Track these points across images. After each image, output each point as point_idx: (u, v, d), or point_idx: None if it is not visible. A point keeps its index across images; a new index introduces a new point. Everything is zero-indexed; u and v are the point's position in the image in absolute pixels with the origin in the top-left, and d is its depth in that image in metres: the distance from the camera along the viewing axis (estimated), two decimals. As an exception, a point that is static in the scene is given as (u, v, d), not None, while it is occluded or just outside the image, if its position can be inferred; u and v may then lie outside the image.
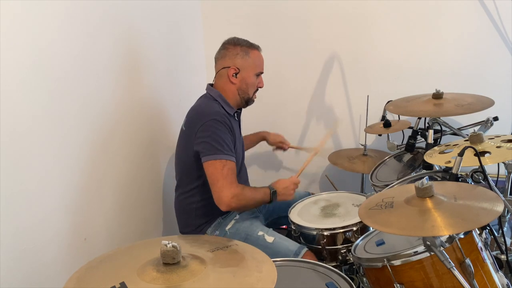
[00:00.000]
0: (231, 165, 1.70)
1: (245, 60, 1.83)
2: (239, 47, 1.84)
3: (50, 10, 1.40)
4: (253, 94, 1.90)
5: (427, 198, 1.15)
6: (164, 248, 1.03)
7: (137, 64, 1.94)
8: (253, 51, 1.85)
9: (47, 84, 1.39)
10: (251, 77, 1.85)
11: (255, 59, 1.85)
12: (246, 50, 1.84)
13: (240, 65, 1.83)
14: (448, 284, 1.21)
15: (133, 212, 1.90)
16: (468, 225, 1.10)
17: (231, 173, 1.69)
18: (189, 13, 2.52)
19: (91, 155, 1.61)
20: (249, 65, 1.84)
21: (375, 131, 2.18)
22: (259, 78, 1.90)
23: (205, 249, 1.19)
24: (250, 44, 1.87)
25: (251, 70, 1.85)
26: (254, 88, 1.88)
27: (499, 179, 1.93)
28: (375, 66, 2.48)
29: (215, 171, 1.68)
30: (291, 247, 1.70)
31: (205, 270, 1.06)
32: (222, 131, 1.72)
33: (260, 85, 1.91)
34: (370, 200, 1.29)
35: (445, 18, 2.32)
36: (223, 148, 1.70)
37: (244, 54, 1.83)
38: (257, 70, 1.87)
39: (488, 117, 1.94)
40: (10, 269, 1.27)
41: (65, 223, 1.49)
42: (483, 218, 1.09)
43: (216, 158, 1.68)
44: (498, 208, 1.08)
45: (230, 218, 1.85)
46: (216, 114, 1.74)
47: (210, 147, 1.69)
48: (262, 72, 1.90)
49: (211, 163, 1.69)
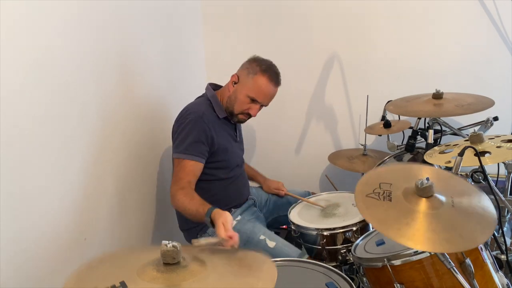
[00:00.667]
0: (184, 163, 1.70)
1: (247, 77, 1.80)
2: (254, 64, 1.80)
3: (51, 12, 1.40)
4: (239, 113, 1.82)
5: (423, 198, 1.13)
6: (164, 248, 1.02)
7: (137, 64, 1.94)
8: (261, 76, 1.77)
9: (48, 85, 1.39)
10: (242, 95, 1.78)
11: (256, 83, 1.77)
12: (255, 71, 1.78)
13: (241, 78, 1.81)
14: (448, 284, 1.21)
15: (133, 212, 1.90)
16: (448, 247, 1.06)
17: (181, 171, 1.69)
18: (189, 14, 2.52)
19: (91, 155, 1.61)
20: (247, 83, 1.78)
21: (375, 132, 2.18)
22: (253, 105, 1.80)
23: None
24: (265, 69, 1.78)
25: (246, 89, 1.78)
26: (241, 106, 1.80)
27: (499, 179, 1.93)
28: (375, 66, 2.48)
29: (175, 167, 1.75)
30: (292, 253, 1.69)
31: (205, 271, 1.06)
32: (192, 131, 1.71)
33: (251, 112, 1.81)
34: (366, 181, 1.24)
35: (445, 18, 2.32)
36: (184, 146, 1.71)
37: (252, 72, 1.79)
38: (251, 93, 1.77)
39: (488, 117, 1.94)
40: (10, 269, 1.27)
41: (65, 223, 1.49)
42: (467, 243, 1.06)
43: (176, 156, 1.73)
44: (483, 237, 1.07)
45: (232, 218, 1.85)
46: (194, 114, 1.75)
47: (176, 144, 1.75)
48: (256, 100, 1.79)
49: (174, 160, 1.76)
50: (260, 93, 1.79)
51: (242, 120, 1.87)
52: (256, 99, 1.79)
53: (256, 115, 1.86)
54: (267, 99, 1.83)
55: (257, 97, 1.79)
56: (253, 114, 1.83)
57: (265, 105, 1.85)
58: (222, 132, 1.84)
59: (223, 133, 1.85)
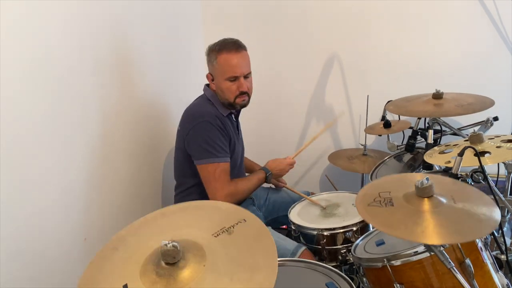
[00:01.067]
0: (223, 166, 1.72)
1: (213, 67, 1.77)
2: (211, 53, 1.77)
3: (51, 12, 1.40)
4: (235, 98, 1.78)
5: (425, 199, 1.14)
6: (164, 248, 1.02)
7: (137, 64, 1.94)
8: (220, 55, 1.73)
9: (48, 85, 1.39)
10: (222, 83, 1.75)
11: (222, 64, 1.74)
12: (214, 56, 1.75)
13: (211, 71, 1.81)
14: (448, 284, 1.21)
15: (133, 212, 1.90)
16: (459, 237, 1.08)
17: (224, 174, 1.72)
18: (189, 14, 2.52)
19: (91, 155, 1.61)
20: (218, 71, 1.75)
21: (375, 132, 2.19)
22: (238, 82, 1.75)
23: (210, 232, 1.15)
24: (220, 48, 1.74)
25: (220, 75, 1.75)
26: (231, 93, 1.76)
27: (499, 179, 1.93)
28: (375, 66, 2.48)
29: (207, 174, 1.72)
30: (289, 246, 1.70)
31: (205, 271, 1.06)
32: (213, 133, 1.72)
33: (241, 89, 1.76)
34: (364, 194, 1.24)
35: (445, 18, 2.32)
36: (214, 151, 1.71)
37: (212, 60, 1.76)
38: (225, 75, 1.73)
39: (488, 117, 1.94)
40: (10, 269, 1.27)
41: (65, 223, 1.49)
42: (476, 232, 1.08)
43: (208, 162, 1.71)
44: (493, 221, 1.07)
45: (229, 217, 1.85)
46: (207, 115, 1.74)
47: (202, 151, 1.71)
48: (235, 76, 1.74)
49: (204, 167, 1.72)
50: (230, 68, 1.73)
51: (244, 103, 1.82)
52: (233, 75, 1.74)
53: (251, 88, 1.82)
54: (241, 68, 1.75)
55: (232, 73, 1.74)
56: (245, 88, 1.77)
57: (246, 72, 1.77)
58: (232, 130, 1.85)
59: (232, 129, 1.86)
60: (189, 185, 1.84)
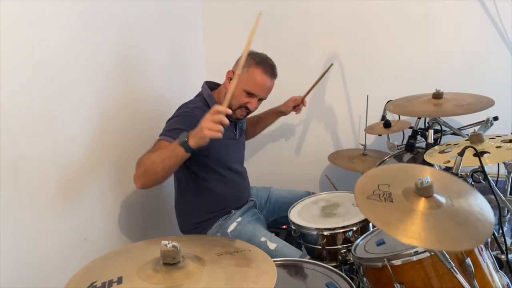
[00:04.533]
0: (160, 143, 1.62)
1: (242, 72, 1.73)
2: (249, 58, 1.75)
3: (52, 12, 1.40)
4: (237, 108, 1.77)
5: (423, 198, 1.13)
6: (164, 248, 1.03)
7: (137, 64, 1.94)
8: (255, 69, 1.74)
9: (48, 84, 1.39)
10: (238, 89, 1.72)
11: (251, 76, 1.73)
12: (249, 64, 1.74)
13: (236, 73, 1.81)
14: (448, 284, 1.21)
15: (133, 212, 1.90)
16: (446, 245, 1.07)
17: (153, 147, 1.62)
18: (189, 13, 2.52)
19: (91, 155, 1.61)
20: (242, 77, 1.72)
21: (375, 132, 2.18)
22: (250, 99, 1.76)
23: (215, 251, 1.18)
24: (259, 62, 1.75)
25: (241, 83, 1.72)
26: (238, 101, 1.75)
27: (499, 179, 1.93)
28: (375, 66, 2.48)
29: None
30: (294, 255, 1.69)
31: (204, 271, 1.06)
32: (178, 121, 1.68)
33: (249, 106, 1.77)
34: (364, 184, 1.23)
35: (445, 18, 2.32)
36: (165, 131, 1.66)
37: (246, 66, 1.73)
38: (247, 87, 1.73)
39: (488, 117, 1.94)
40: (10, 269, 1.27)
41: (65, 223, 1.49)
42: (464, 243, 1.08)
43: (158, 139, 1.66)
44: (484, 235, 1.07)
45: (232, 219, 1.85)
46: (187, 108, 1.74)
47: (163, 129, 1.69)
48: (253, 94, 1.75)
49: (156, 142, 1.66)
50: (256, 86, 1.74)
51: (241, 116, 1.82)
52: (253, 93, 1.75)
53: (255, 109, 1.82)
54: (264, 92, 1.78)
55: (254, 90, 1.74)
56: (252, 108, 1.79)
57: (263, 98, 1.81)
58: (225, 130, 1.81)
59: (226, 131, 1.82)
60: (188, 185, 1.84)
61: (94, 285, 1.01)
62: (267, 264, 1.13)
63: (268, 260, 1.15)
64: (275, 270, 1.08)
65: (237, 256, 1.18)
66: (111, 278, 1.03)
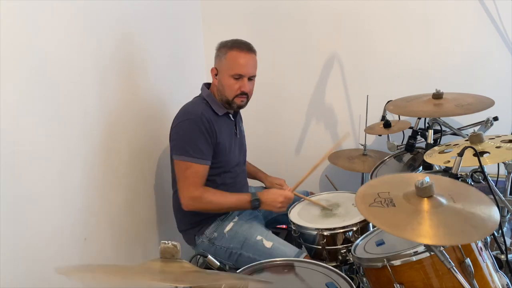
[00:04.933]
0: (196, 168, 1.71)
1: (221, 61, 1.79)
2: (222, 48, 1.80)
3: (53, 13, 1.40)
4: (234, 97, 1.79)
5: (425, 198, 1.14)
6: (164, 245, 1.03)
7: (136, 64, 1.94)
8: (231, 52, 1.76)
9: (48, 84, 1.39)
10: (226, 79, 1.76)
11: (230, 60, 1.76)
12: (224, 52, 1.78)
13: (217, 66, 1.82)
14: (448, 284, 1.21)
15: (133, 211, 1.90)
16: (456, 239, 1.09)
17: (194, 176, 1.71)
18: (189, 14, 2.52)
19: (92, 155, 1.61)
20: (224, 66, 1.77)
21: (375, 132, 2.18)
22: (241, 82, 1.76)
23: None
24: (232, 45, 1.78)
25: (225, 71, 1.76)
26: (232, 91, 1.77)
27: (499, 179, 1.93)
28: (375, 66, 2.47)
29: (179, 170, 1.74)
30: (290, 252, 1.70)
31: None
32: (195, 133, 1.71)
33: (243, 89, 1.77)
34: (363, 194, 1.24)
35: (445, 18, 2.32)
36: (191, 150, 1.71)
37: (222, 55, 1.78)
38: (231, 71, 1.75)
39: (488, 117, 1.93)
40: (10, 269, 1.27)
41: (65, 223, 1.49)
42: (473, 235, 1.08)
43: (181, 159, 1.72)
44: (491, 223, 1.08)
45: (229, 219, 1.85)
46: (194, 115, 1.74)
47: (179, 147, 1.74)
48: (240, 75, 1.76)
49: (177, 162, 1.75)
50: (239, 66, 1.75)
51: (242, 104, 1.83)
52: (240, 73, 1.76)
53: (252, 91, 1.83)
54: (249, 68, 1.78)
55: (239, 71, 1.75)
56: (246, 90, 1.79)
57: (252, 75, 1.80)
58: (223, 128, 1.83)
59: (225, 129, 1.84)
60: None
61: None
62: None
63: None
64: None
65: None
66: None
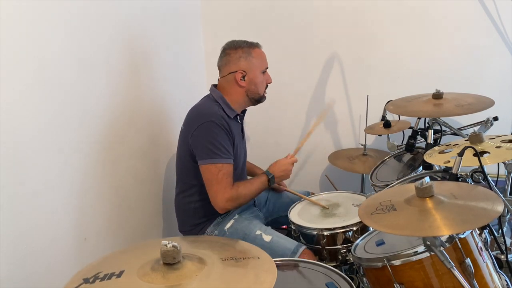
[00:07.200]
0: (227, 168, 1.71)
1: (249, 61, 1.81)
2: (240, 49, 1.81)
3: (54, 13, 1.40)
4: (264, 91, 1.89)
5: (427, 198, 1.15)
6: (164, 248, 1.03)
7: (137, 64, 1.94)
8: (254, 50, 1.83)
9: (48, 84, 1.39)
10: (258, 76, 1.84)
11: (258, 57, 1.84)
12: (248, 51, 1.82)
13: (245, 67, 1.81)
14: (448, 284, 1.21)
15: (133, 211, 1.90)
16: (468, 225, 1.10)
17: (226, 177, 1.70)
18: (189, 13, 2.52)
19: (91, 155, 1.61)
20: (254, 64, 1.82)
21: (375, 132, 2.18)
22: (266, 75, 1.89)
23: (221, 255, 1.17)
24: (249, 44, 1.85)
25: (257, 69, 1.83)
26: (263, 86, 1.87)
27: (499, 179, 1.93)
28: (375, 66, 2.48)
29: (210, 176, 1.71)
30: (289, 245, 1.70)
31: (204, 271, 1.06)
32: (219, 134, 1.71)
33: (269, 81, 1.90)
34: (366, 205, 1.28)
35: (445, 18, 2.32)
36: (219, 151, 1.70)
37: (247, 55, 1.81)
38: (263, 67, 1.86)
39: (488, 117, 1.93)
40: (11, 269, 1.27)
41: (65, 223, 1.49)
42: (483, 218, 1.09)
43: (212, 162, 1.70)
44: (498, 208, 1.08)
45: (229, 217, 1.85)
46: (214, 116, 1.73)
47: (206, 151, 1.70)
48: (267, 68, 1.89)
49: (207, 167, 1.71)
50: (265, 60, 1.88)
51: (266, 94, 1.92)
52: (267, 67, 1.89)
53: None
54: (267, 61, 1.91)
55: (266, 65, 1.89)
56: (271, 81, 1.92)
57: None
58: (234, 130, 1.83)
59: (236, 132, 1.84)
60: (191, 185, 1.83)
61: (97, 275, 1.06)
62: (268, 274, 1.09)
63: (272, 271, 1.12)
64: (273, 281, 1.06)
65: (241, 263, 1.16)
66: (113, 271, 1.06)
